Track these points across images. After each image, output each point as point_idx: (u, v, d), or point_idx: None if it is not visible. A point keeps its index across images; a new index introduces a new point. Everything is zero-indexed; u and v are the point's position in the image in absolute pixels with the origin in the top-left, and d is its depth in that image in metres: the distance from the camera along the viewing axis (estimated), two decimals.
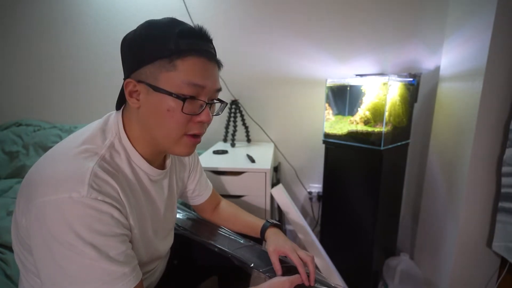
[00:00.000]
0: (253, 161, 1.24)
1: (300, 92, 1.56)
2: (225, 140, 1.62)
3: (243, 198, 1.19)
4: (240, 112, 1.58)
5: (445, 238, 1.23)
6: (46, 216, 0.43)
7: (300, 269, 0.66)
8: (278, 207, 1.34)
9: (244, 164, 1.20)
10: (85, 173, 0.46)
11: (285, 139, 1.64)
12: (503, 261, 1.11)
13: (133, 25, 0.54)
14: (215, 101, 0.59)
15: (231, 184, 1.18)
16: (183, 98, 0.51)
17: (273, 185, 1.26)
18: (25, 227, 0.47)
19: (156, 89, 0.51)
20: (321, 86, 1.52)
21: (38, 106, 1.74)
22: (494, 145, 1.05)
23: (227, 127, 1.60)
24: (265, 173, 1.15)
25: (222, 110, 0.63)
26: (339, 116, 1.35)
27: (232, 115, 1.57)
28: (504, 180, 1.01)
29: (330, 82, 1.34)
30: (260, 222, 0.81)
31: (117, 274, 0.46)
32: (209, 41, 0.55)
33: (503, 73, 1.00)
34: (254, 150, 1.45)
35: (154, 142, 0.56)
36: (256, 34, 1.52)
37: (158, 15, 0.54)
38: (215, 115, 0.61)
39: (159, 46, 0.50)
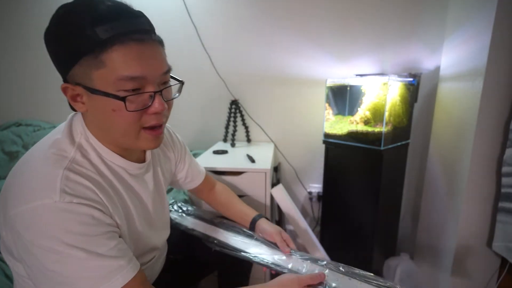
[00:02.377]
0: (253, 161, 1.24)
1: (300, 92, 1.56)
2: (225, 140, 1.62)
3: (243, 198, 1.18)
4: (240, 112, 1.58)
5: (445, 238, 1.23)
6: (23, 226, 0.43)
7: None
8: (278, 207, 1.34)
9: (244, 164, 1.20)
10: (55, 178, 0.44)
11: (285, 139, 1.64)
12: (503, 261, 1.11)
13: None
14: (168, 83, 0.52)
15: (231, 184, 1.18)
16: (121, 98, 0.45)
17: (273, 185, 1.26)
18: (6, 239, 0.47)
19: (93, 91, 0.45)
20: (321, 86, 1.52)
21: (38, 106, 1.74)
22: (494, 145, 1.05)
23: (227, 127, 1.60)
24: (265, 173, 1.15)
25: (180, 90, 0.57)
26: (339, 116, 1.35)
27: (232, 115, 1.57)
28: (504, 180, 1.01)
29: (330, 82, 1.34)
30: (252, 213, 0.87)
31: (113, 267, 0.46)
32: (135, 16, 0.46)
33: (503, 73, 1.00)
34: (254, 150, 1.45)
35: (116, 141, 0.53)
36: (256, 34, 1.51)
37: (157, 15, 0.52)
38: (173, 98, 0.54)
39: (78, 40, 0.43)
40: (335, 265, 0.70)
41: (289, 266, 0.71)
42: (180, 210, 1.00)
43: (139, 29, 0.46)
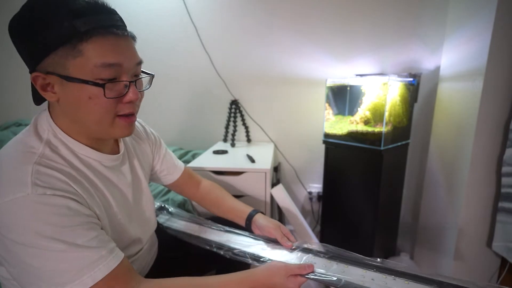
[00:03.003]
0: (253, 161, 1.24)
1: (300, 92, 1.56)
2: (225, 140, 1.62)
3: (243, 198, 1.19)
4: (240, 112, 1.58)
5: (445, 238, 1.23)
6: None
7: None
8: (278, 207, 1.34)
9: (244, 164, 1.20)
10: (25, 173, 0.44)
11: (285, 139, 1.64)
12: (503, 261, 1.11)
13: (133, 26, 0.53)
14: (140, 75, 0.56)
15: (231, 184, 1.18)
16: (102, 84, 0.47)
17: (273, 185, 1.26)
18: None
19: (69, 79, 0.46)
20: (321, 86, 1.52)
21: (38, 106, 1.74)
22: (494, 145, 1.05)
23: (227, 127, 1.60)
24: (265, 173, 1.15)
25: (150, 82, 0.59)
26: (339, 116, 1.35)
27: (232, 115, 1.57)
28: (504, 180, 1.01)
29: (330, 82, 1.34)
30: (246, 209, 0.84)
31: (94, 258, 0.46)
32: (111, 12, 0.49)
33: (503, 73, 1.00)
34: (254, 150, 1.45)
35: (88, 130, 0.53)
36: (256, 34, 1.51)
37: (157, 15, 0.53)
38: (145, 89, 0.58)
39: (55, 31, 0.44)
40: (324, 250, 0.71)
41: (285, 260, 0.69)
42: (168, 214, 0.98)
43: (115, 25, 0.49)
